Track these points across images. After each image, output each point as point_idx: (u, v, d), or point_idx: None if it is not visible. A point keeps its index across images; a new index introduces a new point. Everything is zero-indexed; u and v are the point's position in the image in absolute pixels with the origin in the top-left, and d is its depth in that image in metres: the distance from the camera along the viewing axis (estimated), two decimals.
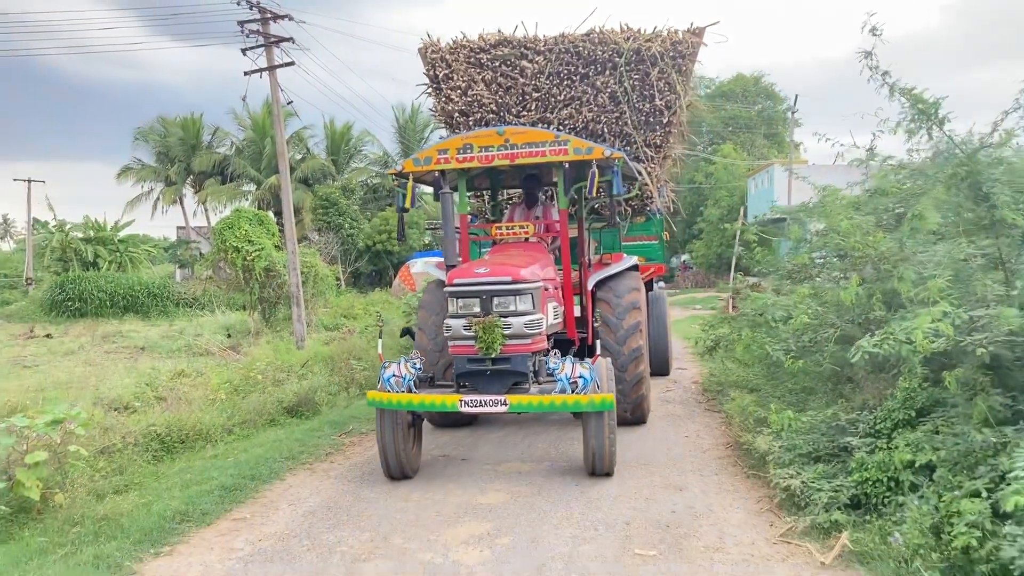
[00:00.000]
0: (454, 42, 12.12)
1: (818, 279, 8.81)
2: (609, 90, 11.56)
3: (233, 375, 12.43)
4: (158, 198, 50.54)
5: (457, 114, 11.98)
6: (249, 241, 24.11)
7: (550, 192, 11.03)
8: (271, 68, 20.40)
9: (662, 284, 15.04)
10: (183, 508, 6.55)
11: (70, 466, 6.74)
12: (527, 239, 8.93)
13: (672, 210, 14.74)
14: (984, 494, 4.80)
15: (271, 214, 34.58)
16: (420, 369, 7.47)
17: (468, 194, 12.09)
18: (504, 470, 7.75)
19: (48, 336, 26.49)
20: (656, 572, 5.11)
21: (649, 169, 11.81)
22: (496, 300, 7.18)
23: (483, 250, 10.48)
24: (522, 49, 11.81)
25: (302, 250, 26.66)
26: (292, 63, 20.50)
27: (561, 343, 8.73)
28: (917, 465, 5.48)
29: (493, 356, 7.11)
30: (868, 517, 5.51)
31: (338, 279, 32.21)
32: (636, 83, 11.48)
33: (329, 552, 5.65)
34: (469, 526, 6.09)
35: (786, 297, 8.19)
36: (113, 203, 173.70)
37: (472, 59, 11.99)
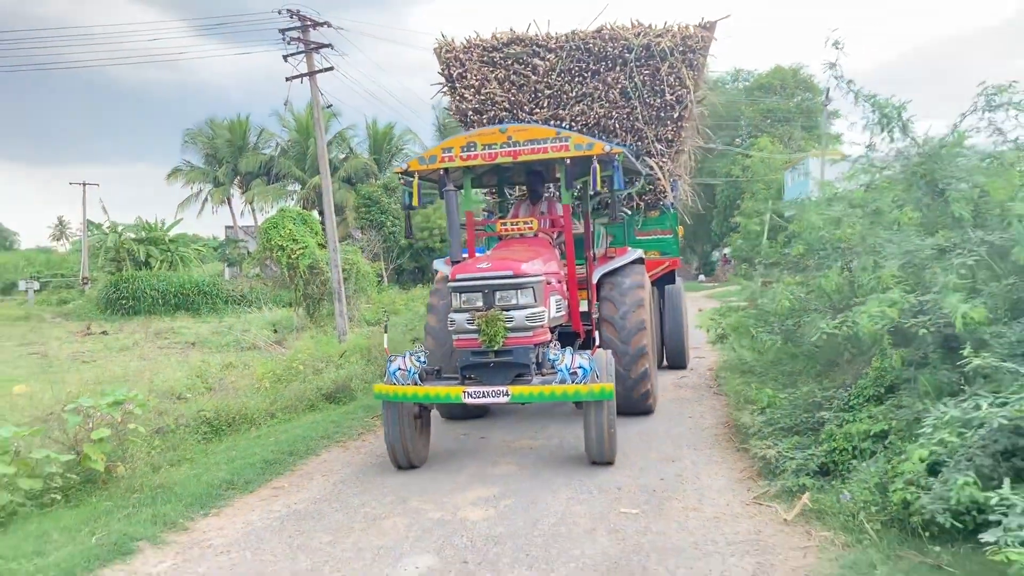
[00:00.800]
0: (468, 41, 12.45)
1: (815, 270, 9.40)
2: (620, 86, 11.80)
3: (276, 366, 13.32)
4: (207, 199, 52.02)
5: (471, 112, 12.37)
6: (293, 240, 25.11)
7: (554, 188, 11.28)
8: (311, 73, 21.32)
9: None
10: (229, 478, 7.42)
11: (129, 442, 7.60)
12: (534, 234, 9.16)
13: (688, 204, 15.21)
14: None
15: (315, 213, 35.61)
16: (425, 363, 7.70)
17: (483, 192, 12.54)
18: (517, 446, 8.50)
19: (104, 333, 27.72)
20: (636, 526, 5.82)
21: (661, 164, 12.07)
22: (498, 294, 7.38)
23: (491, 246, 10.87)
24: (534, 47, 12.12)
25: (344, 248, 27.67)
26: (331, 68, 21.41)
27: (568, 336, 9.12)
28: (872, 433, 6.14)
29: (496, 349, 7.32)
30: (833, 482, 6.17)
31: (380, 275, 33.14)
32: (646, 78, 11.71)
33: (354, 512, 6.46)
34: (478, 491, 6.86)
35: (777, 285, 8.82)
36: (164, 204, 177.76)
37: (485, 58, 12.33)
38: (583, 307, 9.51)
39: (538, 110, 12.15)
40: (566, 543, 5.53)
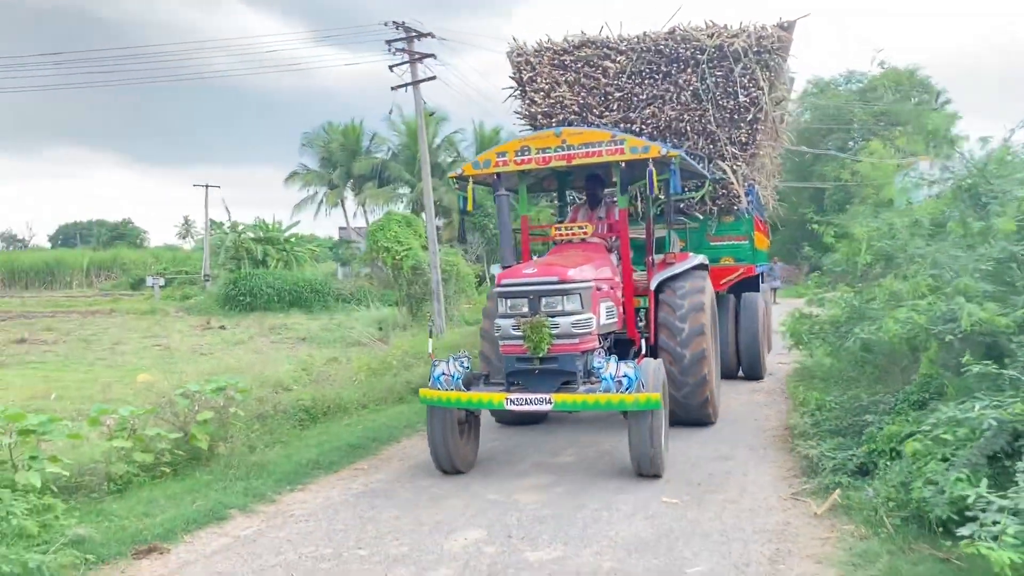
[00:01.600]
0: (539, 44, 12.43)
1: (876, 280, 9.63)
2: (692, 88, 11.58)
3: (372, 360, 14.22)
4: (322, 200, 54.11)
5: (541, 116, 12.32)
6: (398, 242, 26.20)
7: (613, 193, 11.09)
8: (414, 83, 22.32)
9: (777, 284, 15.30)
10: (316, 459, 8.23)
11: (230, 424, 8.49)
12: (584, 239, 9.07)
13: (772, 210, 15.01)
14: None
15: (422, 216, 36.79)
16: (468, 368, 7.68)
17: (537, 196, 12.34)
18: (583, 441, 9.06)
19: (222, 328, 29.36)
20: (672, 514, 6.31)
21: (734, 167, 11.83)
22: (544, 300, 7.35)
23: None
24: (604, 49, 12.02)
25: (447, 250, 28.66)
26: (433, 78, 22.36)
27: (625, 344, 9.03)
28: (903, 435, 6.45)
29: (541, 355, 7.28)
30: (866, 481, 6.52)
31: (480, 277, 34.04)
32: (719, 80, 11.47)
33: (421, 492, 7.16)
34: (535, 479, 7.47)
35: (834, 293, 9.10)
36: (282, 205, 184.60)
37: (556, 61, 12.28)
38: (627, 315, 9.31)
39: (608, 113, 12.06)
40: (604, 525, 6.07)
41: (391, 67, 22.29)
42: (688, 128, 11.79)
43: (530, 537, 5.86)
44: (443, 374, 7.55)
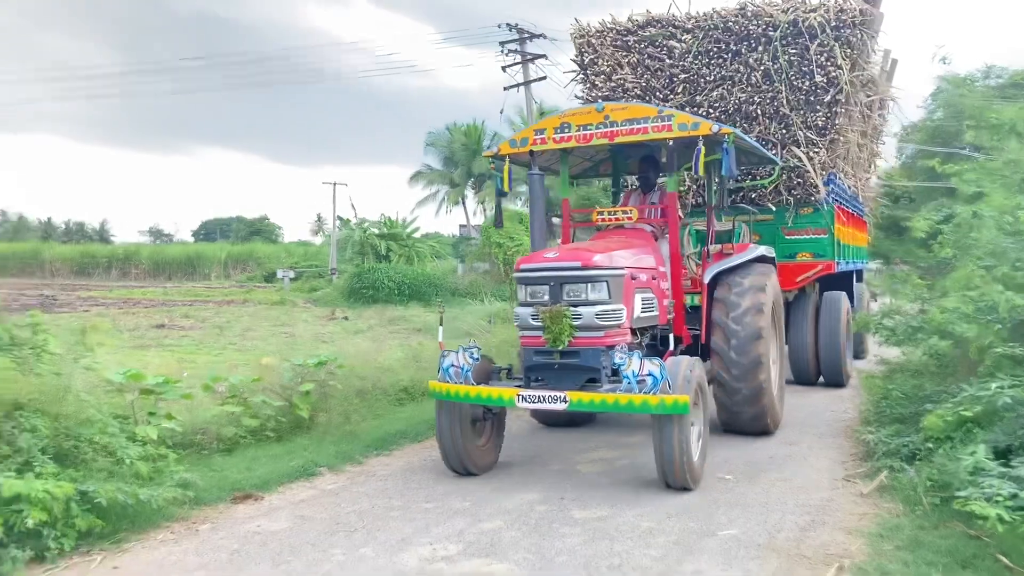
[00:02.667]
0: (602, 25, 11.86)
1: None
2: (763, 67, 10.83)
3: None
4: (443, 199, 55.56)
5: (602, 100, 11.24)
6: (510, 238, 26.98)
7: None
8: (526, 83, 23.01)
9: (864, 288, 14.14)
10: (404, 430, 8.94)
11: (329, 396, 9.27)
12: (631, 225, 8.43)
13: (875, 202, 14.25)
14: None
15: None
16: (478, 359, 7.02)
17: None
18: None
19: (345, 318, 30.70)
20: (722, 487, 6.68)
21: (811, 154, 10.94)
22: (566, 287, 6.76)
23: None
24: (670, 28, 11.39)
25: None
26: (544, 78, 23.01)
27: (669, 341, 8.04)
28: (951, 422, 6.62)
29: (561, 349, 6.68)
30: (916, 464, 6.72)
31: None
32: (793, 58, 10.67)
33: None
34: (600, 453, 7.95)
35: (905, 286, 9.14)
36: (406, 202, 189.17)
37: (619, 42, 11.68)
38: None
39: (673, 96, 11.36)
40: (655, 493, 6.50)
41: (504, 68, 23.10)
42: (759, 111, 11.05)
43: (581, 500, 6.37)
44: (452, 366, 6.96)
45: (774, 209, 11.53)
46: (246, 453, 7.76)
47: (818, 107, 10.83)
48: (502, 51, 22.98)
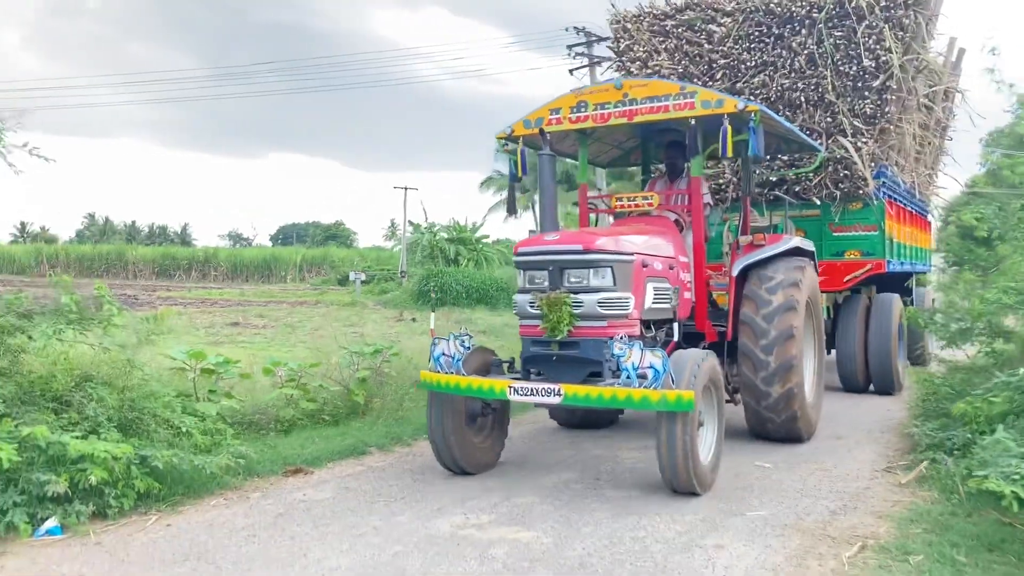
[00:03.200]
0: (638, 9, 11.43)
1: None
2: (807, 52, 10.26)
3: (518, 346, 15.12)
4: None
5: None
6: None
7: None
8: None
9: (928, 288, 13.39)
10: None
11: (385, 383, 9.58)
12: (653, 212, 7.94)
13: (935, 199, 13.52)
14: None
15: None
16: (469, 348, 6.60)
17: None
18: None
19: (413, 320, 31.20)
20: (759, 474, 6.76)
21: (859, 144, 10.26)
22: (567, 273, 6.26)
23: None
24: (709, 11, 10.93)
25: None
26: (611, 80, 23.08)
27: (693, 338, 7.67)
28: (996, 413, 6.59)
29: (559, 339, 6.19)
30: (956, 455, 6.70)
31: None
32: (840, 42, 10.10)
33: (538, 446, 7.99)
34: (644, 441, 8.05)
35: (959, 283, 9.07)
36: (476, 208, 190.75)
37: (656, 27, 11.26)
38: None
39: (712, 83, 10.77)
40: None
41: (571, 71, 23.29)
42: (803, 99, 10.46)
43: (616, 481, 6.53)
44: (443, 355, 6.55)
45: (818, 204, 10.90)
46: (301, 434, 8.08)
47: (866, 93, 10.22)
48: (569, 55, 23.19)
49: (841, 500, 6.01)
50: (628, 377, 5.70)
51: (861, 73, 10.20)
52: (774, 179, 10.65)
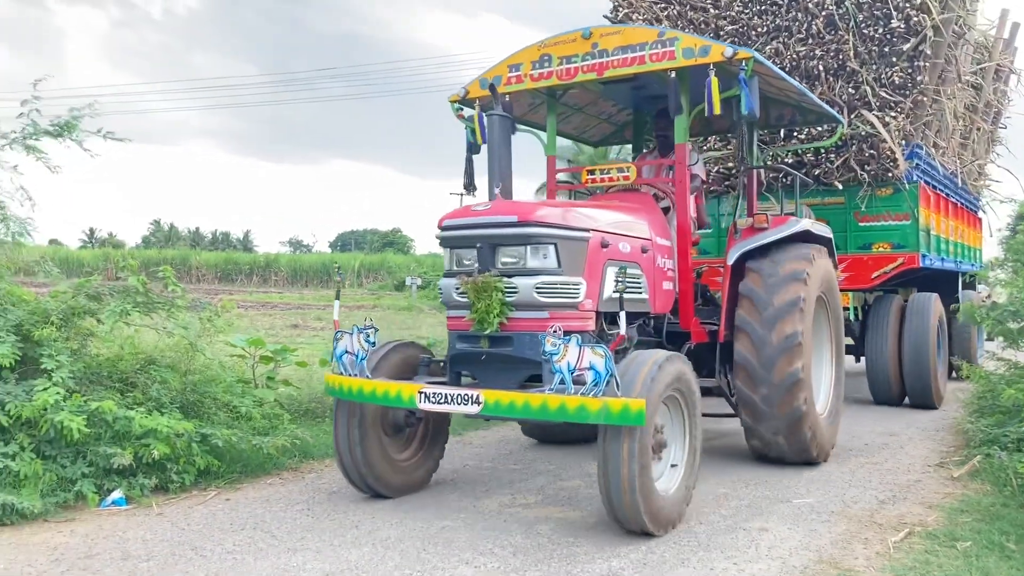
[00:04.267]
0: None
1: None
2: (825, 13, 9.11)
3: None
4: None
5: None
6: None
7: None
8: None
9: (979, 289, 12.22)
10: None
11: None
12: (634, 188, 6.77)
13: (978, 184, 12.17)
14: None
15: None
16: (373, 343, 5.32)
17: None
18: None
19: None
20: (809, 466, 6.74)
21: (886, 119, 9.02)
22: (500, 251, 5.03)
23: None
24: None
25: None
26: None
27: (678, 337, 6.41)
28: None
29: (488, 333, 4.96)
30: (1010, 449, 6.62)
31: None
32: (863, 1, 9.04)
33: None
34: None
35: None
36: None
37: None
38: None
39: None
40: (737, 468, 6.63)
41: None
42: (821, 67, 9.24)
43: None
44: (347, 352, 5.33)
45: (841, 188, 9.61)
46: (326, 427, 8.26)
47: (894, 60, 9.00)
48: None
49: (890, 491, 5.98)
50: (562, 381, 4.47)
51: (888, 36, 9.03)
52: (789, 160, 9.46)
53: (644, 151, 8.15)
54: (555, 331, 4.52)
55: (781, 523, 5.11)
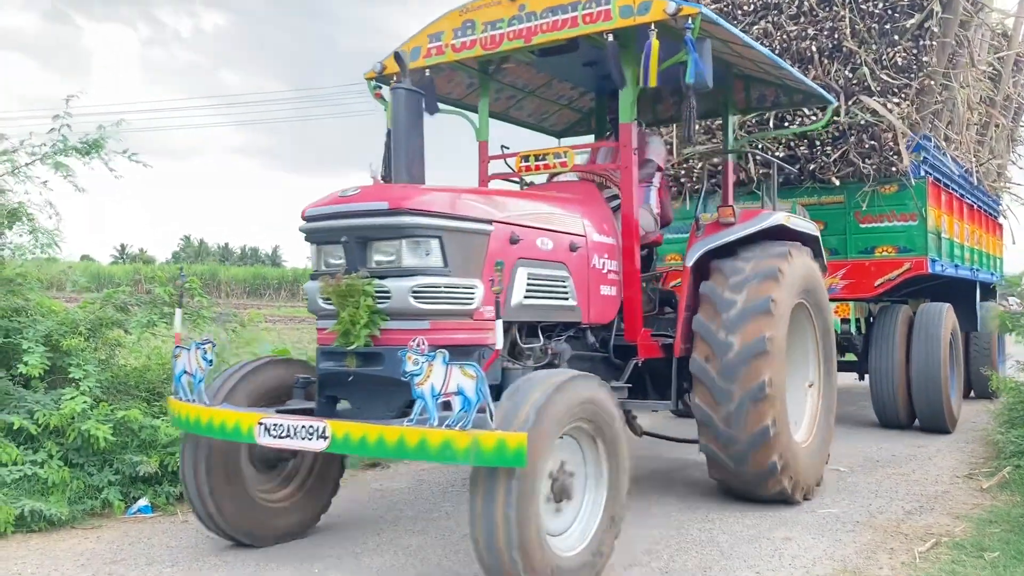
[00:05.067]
0: None
1: None
2: None
3: None
4: None
5: None
6: None
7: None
8: None
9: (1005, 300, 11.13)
10: None
11: None
12: (579, 177, 6.08)
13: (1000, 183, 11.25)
14: None
15: None
16: (212, 362, 4.30)
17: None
18: None
19: None
20: (834, 476, 6.68)
21: (888, 105, 8.14)
22: (372, 247, 4.13)
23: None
24: None
25: None
26: None
27: (623, 352, 5.50)
28: None
29: (355, 348, 4.02)
30: None
31: None
32: None
33: None
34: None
35: None
36: None
37: None
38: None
39: None
40: None
41: None
42: (814, 48, 8.40)
43: (688, 479, 6.55)
44: (185, 372, 4.35)
45: (839, 185, 8.65)
46: None
47: (896, 38, 8.13)
48: None
49: (917, 501, 5.92)
50: (424, 407, 3.44)
51: (889, 12, 8.19)
52: (780, 154, 8.54)
53: (604, 138, 7.12)
54: (418, 344, 3.48)
55: (805, 532, 5.07)
